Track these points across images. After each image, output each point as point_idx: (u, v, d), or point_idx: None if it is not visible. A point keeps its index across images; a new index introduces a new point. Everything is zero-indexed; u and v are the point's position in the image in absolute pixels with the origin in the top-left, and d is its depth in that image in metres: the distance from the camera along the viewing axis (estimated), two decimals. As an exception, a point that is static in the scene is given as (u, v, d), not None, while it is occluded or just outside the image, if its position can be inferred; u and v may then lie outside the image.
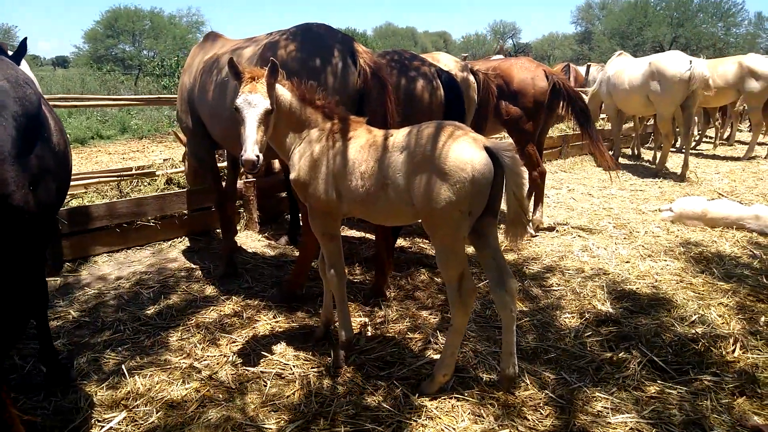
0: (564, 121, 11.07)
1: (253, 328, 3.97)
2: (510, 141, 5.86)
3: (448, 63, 5.20)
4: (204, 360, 3.53)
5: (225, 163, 5.56)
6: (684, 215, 6.38)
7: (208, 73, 4.32)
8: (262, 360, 3.53)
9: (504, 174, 2.79)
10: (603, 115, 12.44)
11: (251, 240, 6.03)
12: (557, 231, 6.22)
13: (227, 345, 3.73)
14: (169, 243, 5.77)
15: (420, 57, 4.67)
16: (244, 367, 3.44)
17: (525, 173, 2.86)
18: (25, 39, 3.19)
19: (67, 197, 5.31)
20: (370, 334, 3.87)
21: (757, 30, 53.17)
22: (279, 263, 5.30)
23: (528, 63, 5.77)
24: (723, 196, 7.59)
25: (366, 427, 2.84)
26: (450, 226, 2.80)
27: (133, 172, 6.63)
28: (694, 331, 3.80)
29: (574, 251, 5.49)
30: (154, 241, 5.70)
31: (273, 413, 2.99)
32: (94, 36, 43.66)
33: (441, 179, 2.73)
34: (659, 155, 9.61)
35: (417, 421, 2.91)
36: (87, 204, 5.42)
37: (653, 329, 3.84)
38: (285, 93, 3.17)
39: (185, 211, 5.80)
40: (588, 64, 14.02)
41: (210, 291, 4.64)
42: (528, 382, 3.25)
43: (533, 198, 6.23)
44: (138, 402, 3.07)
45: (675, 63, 8.44)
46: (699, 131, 12.46)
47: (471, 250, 4.25)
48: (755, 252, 5.32)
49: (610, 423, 2.89)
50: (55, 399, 3.11)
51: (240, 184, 5.97)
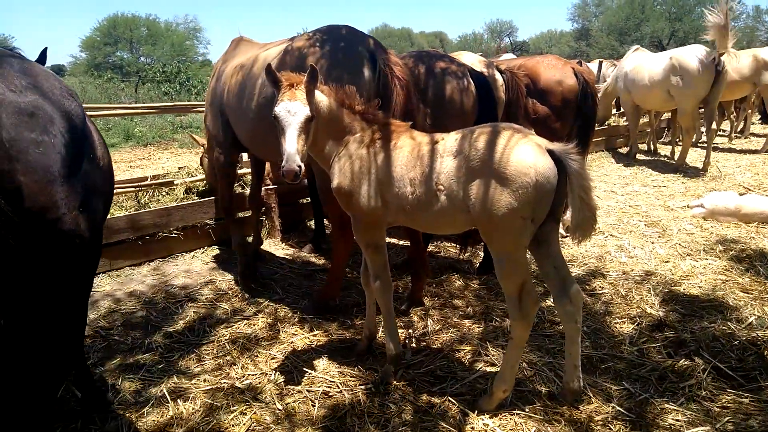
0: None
1: (291, 342, 3.80)
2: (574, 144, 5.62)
3: (473, 62, 5.03)
4: (245, 379, 3.35)
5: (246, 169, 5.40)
6: (716, 211, 6.20)
7: (238, 78, 4.15)
8: (305, 378, 3.35)
9: (569, 178, 2.62)
10: (615, 111, 12.28)
11: (275, 248, 5.85)
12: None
13: (266, 362, 3.56)
14: (192, 254, 5.60)
15: (449, 57, 4.51)
16: (288, 386, 3.27)
17: (591, 177, 2.68)
18: (45, 49, 3.02)
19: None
20: (414, 346, 3.70)
21: (756, 23, 52.98)
22: (307, 273, 5.12)
23: (555, 60, 5.60)
24: (750, 190, 7.43)
25: (429, 450, 2.68)
26: (511, 234, 2.63)
27: (151, 182, 6.45)
28: (754, 335, 3.63)
29: (611, 252, 5.32)
30: (176, 253, 5.52)
31: (327, 436, 2.82)
32: (91, 44, 43.45)
33: (501, 185, 2.57)
34: (679, 150, 9.43)
35: (480, 441, 2.74)
36: (108, 216, 5.24)
37: (710, 333, 3.67)
38: (323, 99, 3.01)
39: (207, 221, 5.63)
40: (600, 60, 13.85)
41: (239, 304, 4.46)
42: (591, 394, 3.08)
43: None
44: (183, 429, 2.90)
45: (697, 57, 8.27)
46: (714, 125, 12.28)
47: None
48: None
49: (688, 436, 2.73)
50: (95, 427, 2.93)
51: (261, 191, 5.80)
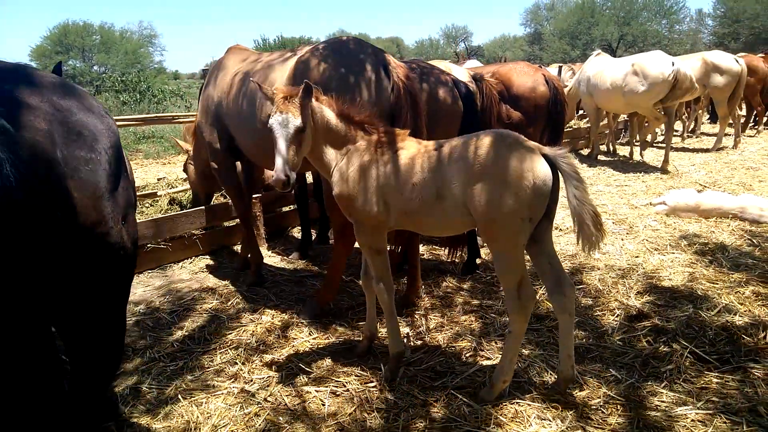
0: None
1: (292, 346, 3.92)
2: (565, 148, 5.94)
3: (458, 72, 5.25)
4: (253, 383, 3.46)
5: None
6: (678, 208, 6.60)
7: (240, 88, 4.26)
8: (311, 378, 3.48)
9: (564, 180, 2.85)
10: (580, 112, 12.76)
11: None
12: (560, 230, 6.35)
13: (272, 365, 3.67)
14: (180, 264, 5.63)
15: (437, 67, 4.71)
16: (296, 387, 3.39)
17: (583, 178, 2.91)
18: (60, 63, 3.08)
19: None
20: (412, 344, 3.87)
21: (699, 26, 55.48)
22: (297, 279, 5.24)
23: (527, 68, 5.88)
24: (707, 187, 7.90)
25: (442, 439, 2.85)
26: (511, 233, 2.84)
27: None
28: (723, 321, 3.94)
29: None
30: (164, 264, 5.55)
31: (343, 432, 2.97)
32: (42, 52, 42.17)
33: (503, 188, 2.76)
34: (637, 150, 9.90)
35: (487, 429, 2.93)
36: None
37: (685, 321, 3.97)
38: (322, 109, 3.17)
39: (194, 231, 5.67)
40: (559, 65, 14.36)
41: (235, 311, 4.54)
42: (582, 381, 3.31)
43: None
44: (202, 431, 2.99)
45: (657, 63, 8.73)
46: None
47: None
48: (753, 240, 5.56)
49: (671, 416, 2.98)
50: (113, 435, 3.00)
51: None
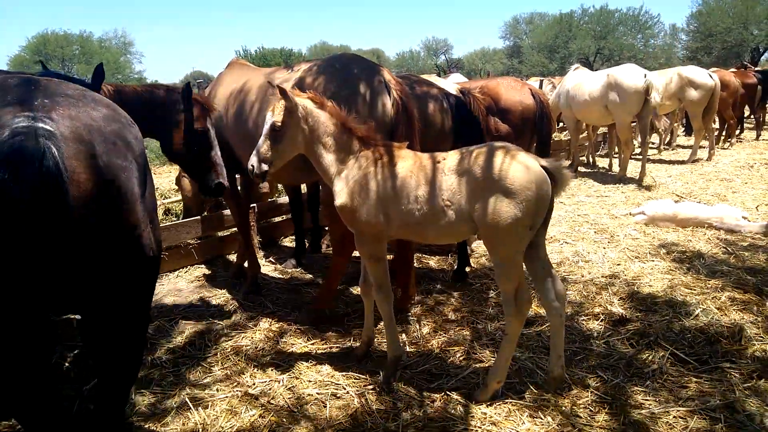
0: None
1: (292, 351, 4.04)
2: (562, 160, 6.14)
3: (446, 86, 5.45)
4: (256, 387, 3.57)
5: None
6: (656, 217, 6.87)
7: (240, 102, 4.40)
8: (312, 382, 3.61)
9: (558, 189, 3.08)
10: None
11: (253, 265, 6.05)
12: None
13: (272, 369, 3.78)
14: (176, 273, 5.72)
15: (428, 81, 4.90)
16: (297, 390, 3.52)
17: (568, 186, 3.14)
18: (101, 65, 3.20)
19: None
20: (407, 348, 4.02)
21: (673, 41, 56.86)
22: (293, 287, 5.36)
23: (514, 82, 6.12)
24: (683, 198, 8.20)
25: (441, 437, 3.00)
26: (514, 241, 3.02)
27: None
28: (701, 325, 4.17)
29: (568, 258, 5.83)
30: (161, 273, 5.63)
31: (346, 432, 3.10)
32: (20, 62, 41.65)
33: (508, 198, 2.93)
34: (620, 162, 10.20)
35: (482, 427, 3.09)
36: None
37: (665, 325, 4.19)
38: (317, 115, 3.34)
39: (190, 241, 5.77)
40: (540, 79, 14.72)
41: (234, 318, 4.65)
42: (571, 383, 3.49)
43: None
44: (209, 433, 3.10)
45: (631, 75, 9.07)
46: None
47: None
48: (728, 249, 5.83)
49: (654, 414, 3.16)
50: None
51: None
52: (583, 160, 12.36)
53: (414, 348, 4.03)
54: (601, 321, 4.33)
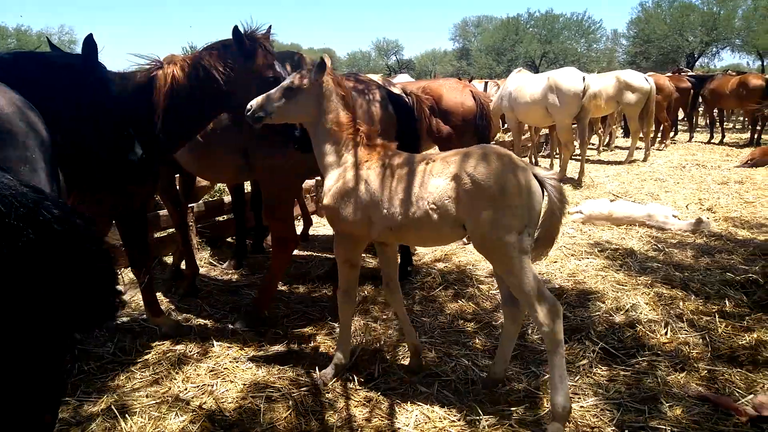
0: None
1: (227, 354, 3.96)
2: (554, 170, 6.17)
3: (390, 86, 5.46)
4: (188, 392, 3.48)
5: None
6: (593, 216, 7.09)
7: None
8: (247, 386, 3.54)
9: (548, 198, 2.92)
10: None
11: (192, 266, 5.90)
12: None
13: (206, 374, 3.70)
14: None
15: (371, 79, 4.89)
16: (231, 394, 3.45)
17: (566, 199, 3.01)
18: (91, 35, 2.92)
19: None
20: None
21: (614, 45, 59.01)
22: (231, 288, 5.26)
23: (456, 84, 6.19)
24: (619, 197, 8.50)
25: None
26: (511, 248, 2.82)
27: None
28: (630, 319, 4.32)
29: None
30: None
31: (278, 435, 3.06)
32: (-51, 54, 39.35)
33: (499, 204, 2.80)
34: (560, 163, 10.47)
35: (416, 425, 3.11)
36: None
37: (596, 320, 4.32)
38: (338, 105, 3.31)
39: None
40: (485, 81, 14.97)
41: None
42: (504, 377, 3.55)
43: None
44: (136, 441, 3.00)
45: (570, 78, 9.34)
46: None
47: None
48: (658, 246, 6.08)
49: (584, 407, 3.25)
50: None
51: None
52: (526, 160, 12.64)
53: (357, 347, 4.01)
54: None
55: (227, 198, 6.73)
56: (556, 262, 5.72)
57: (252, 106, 3.22)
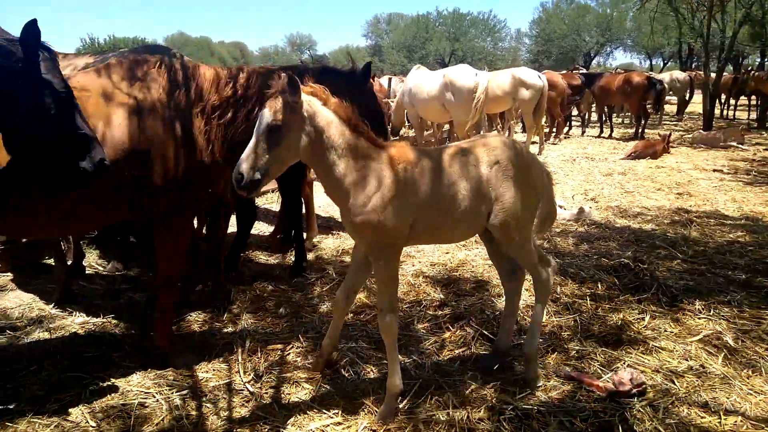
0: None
1: (103, 363, 3.75)
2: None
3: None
4: (51, 403, 3.26)
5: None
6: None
7: None
8: (119, 393, 3.38)
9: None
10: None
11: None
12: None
13: (74, 383, 3.48)
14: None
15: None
16: (101, 402, 3.28)
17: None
18: (35, 21, 2.52)
19: None
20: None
21: (518, 44, 61.56)
22: (112, 291, 5.00)
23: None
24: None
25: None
26: (530, 225, 3.32)
27: None
28: (510, 305, 4.51)
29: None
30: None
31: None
32: None
33: (528, 187, 3.21)
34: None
35: (297, 422, 3.09)
36: None
37: (479, 307, 4.48)
38: (325, 114, 2.81)
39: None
40: (389, 76, 15.16)
41: (37, 333, 4.22)
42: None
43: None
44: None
45: (463, 75, 9.62)
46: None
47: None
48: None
49: (460, 392, 3.36)
50: None
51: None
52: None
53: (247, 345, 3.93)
54: (423, 306, 4.54)
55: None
56: (447, 253, 5.88)
57: (240, 175, 2.63)
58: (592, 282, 4.95)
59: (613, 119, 17.09)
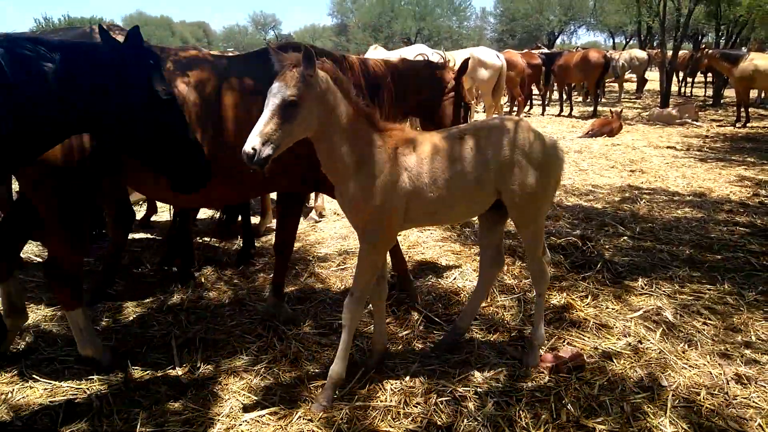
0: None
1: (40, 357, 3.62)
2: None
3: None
4: (-24, 404, 3.14)
5: None
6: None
7: None
8: (47, 390, 3.26)
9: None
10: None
11: None
12: (335, 216, 6.68)
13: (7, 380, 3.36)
14: None
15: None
16: (26, 401, 3.15)
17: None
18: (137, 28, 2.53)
19: None
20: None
21: (483, 23, 61.46)
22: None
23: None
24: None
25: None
26: (545, 209, 3.39)
27: None
28: (456, 286, 4.52)
29: (352, 231, 5.97)
30: None
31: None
32: None
33: (542, 168, 3.11)
34: (416, 138, 10.70)
35: (231, 414, 3.03)
36: None
37: (426, 289, 4.47)
38: (336, 92, 2.77)
39: None
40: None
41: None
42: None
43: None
44: None
45: (420, 56, 9.51)
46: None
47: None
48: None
49: (399, 374, 3.34)
50: None
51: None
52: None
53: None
54: (370, 292, 4.49)
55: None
56: (400, 235, 5.83)
57: (253, 149, 2.49)
58: (539, 261, 4.97)
59: (573, 98, 17.23)
